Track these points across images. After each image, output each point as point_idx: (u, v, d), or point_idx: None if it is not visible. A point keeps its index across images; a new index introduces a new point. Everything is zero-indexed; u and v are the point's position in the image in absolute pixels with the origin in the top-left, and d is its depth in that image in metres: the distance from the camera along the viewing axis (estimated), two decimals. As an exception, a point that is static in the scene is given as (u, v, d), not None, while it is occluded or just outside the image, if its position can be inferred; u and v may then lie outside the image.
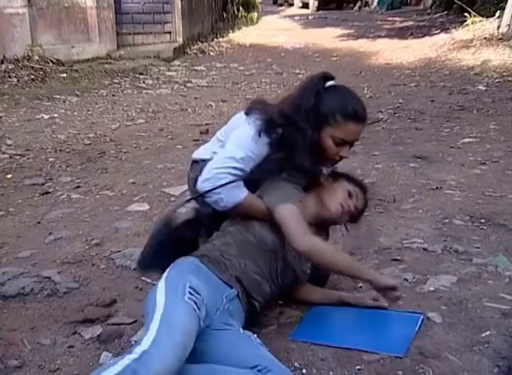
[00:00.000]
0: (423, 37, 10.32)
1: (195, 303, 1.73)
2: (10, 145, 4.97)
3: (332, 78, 2.13)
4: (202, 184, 2.07)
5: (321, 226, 2.23)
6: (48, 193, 3.88)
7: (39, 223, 3.35)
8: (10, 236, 3.16)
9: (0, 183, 4.09)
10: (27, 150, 4.84)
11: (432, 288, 2.39)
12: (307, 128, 2.05)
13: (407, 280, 2.47)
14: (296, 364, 1.84)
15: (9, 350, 2.05)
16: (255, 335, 1.87)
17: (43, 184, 4.05)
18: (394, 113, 5.78)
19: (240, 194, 2.06)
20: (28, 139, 5.15)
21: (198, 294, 1.77)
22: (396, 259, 2.67)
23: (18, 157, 4.67)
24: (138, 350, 1.56)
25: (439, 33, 10.35)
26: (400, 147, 4.62)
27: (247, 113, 2.17)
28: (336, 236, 2.94)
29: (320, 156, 2.12)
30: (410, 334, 2.01)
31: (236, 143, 2.10)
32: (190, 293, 1.75)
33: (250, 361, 1.70)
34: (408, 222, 3.11)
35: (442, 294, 2.34)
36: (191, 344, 1.63)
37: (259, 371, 1.67)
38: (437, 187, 3.63)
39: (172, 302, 1.71)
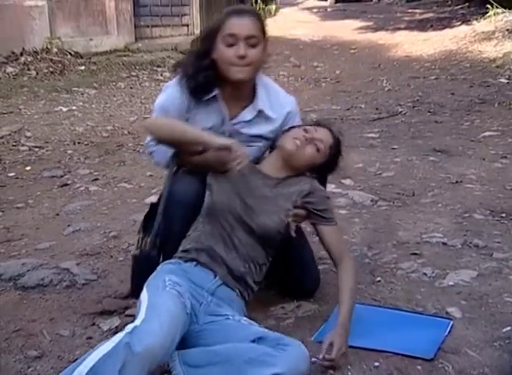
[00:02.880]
0: (443, 29, 10.15)
1: (178, 292, 1.79)
2: (29, 137, 5.00)
3: None
4: (144, 149, 2.35)
5: (299, 169, 2.13)
6: (66, 185, 3.90)
7: (58, 215, 3.37)
8: (29, 227, 3.18)
9: (19, 175, 4.12)
10: (46, 142, 4.87)
11: (451, 283, 2.37)
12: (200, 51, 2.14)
13: (426, 274, 2.45)
14: (313, 359, 1.82)
15: (29, 341, 2.08)
16: (244, 318, 1.90)
17: (61, 176, 4.07)
18: (413, 106, 5.71)
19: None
20: (47, 131, 5.18)
21: (179, 285, 1.83)
22: (415, 254, 2.64)
23: (37, 149, 4.69)
24: (130, 326, 1.65)
25: (459, 25, 10.18)
26: (419, 140, 4.57)
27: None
28: (353, 229, 2.94)
29: (223, 70, 2.10)
30: (440, 338, 1.97)
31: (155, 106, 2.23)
32: (171, 284, 1.82)
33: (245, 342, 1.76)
34: (427, 216, 3.08)
35: (462, 289, 2.31)
36: (178, 327, 1.71)
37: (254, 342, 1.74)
38: (457, 181, 3.59)
39: (156, 295, 1.80)
